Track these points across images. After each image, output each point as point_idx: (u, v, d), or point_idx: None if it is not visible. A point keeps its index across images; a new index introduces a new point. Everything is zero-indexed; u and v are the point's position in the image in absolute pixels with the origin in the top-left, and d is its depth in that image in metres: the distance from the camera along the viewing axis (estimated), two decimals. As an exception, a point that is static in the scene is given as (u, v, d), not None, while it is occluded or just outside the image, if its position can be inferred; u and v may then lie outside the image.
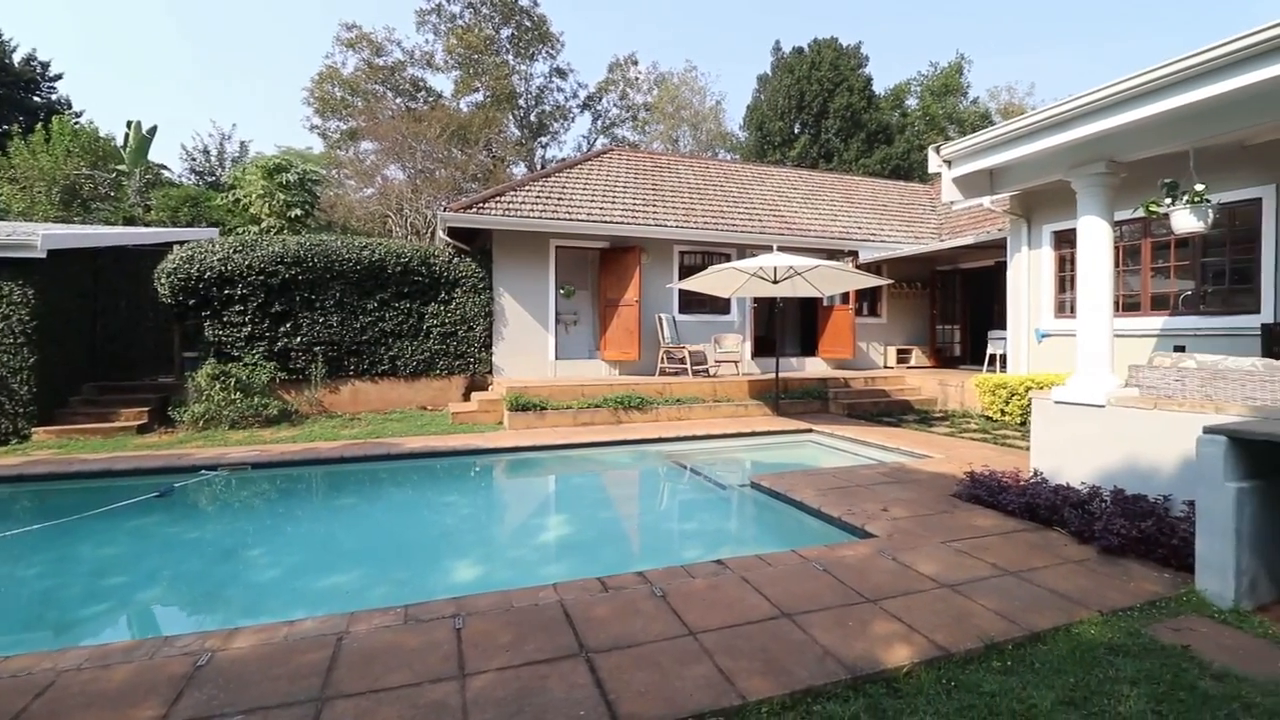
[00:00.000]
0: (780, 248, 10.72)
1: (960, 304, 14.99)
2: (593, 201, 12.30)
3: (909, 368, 14.03)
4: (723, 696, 2.40)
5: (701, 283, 10.11)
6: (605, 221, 11.58)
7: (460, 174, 22.84)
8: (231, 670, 2.60)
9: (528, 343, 11.53)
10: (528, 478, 7.73)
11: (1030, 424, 5.38)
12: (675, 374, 11.56)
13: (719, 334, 12.54)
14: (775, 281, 10.03)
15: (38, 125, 20.97)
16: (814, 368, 13.57)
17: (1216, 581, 3.25)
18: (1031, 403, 5.36)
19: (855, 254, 13.43)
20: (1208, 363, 4.23)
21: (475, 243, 11.61)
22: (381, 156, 22.22)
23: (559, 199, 12.05)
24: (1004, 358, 10.17)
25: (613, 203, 12.48)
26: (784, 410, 10.39)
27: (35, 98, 26.76)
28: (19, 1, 33.32)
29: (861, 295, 14.14)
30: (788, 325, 15.40)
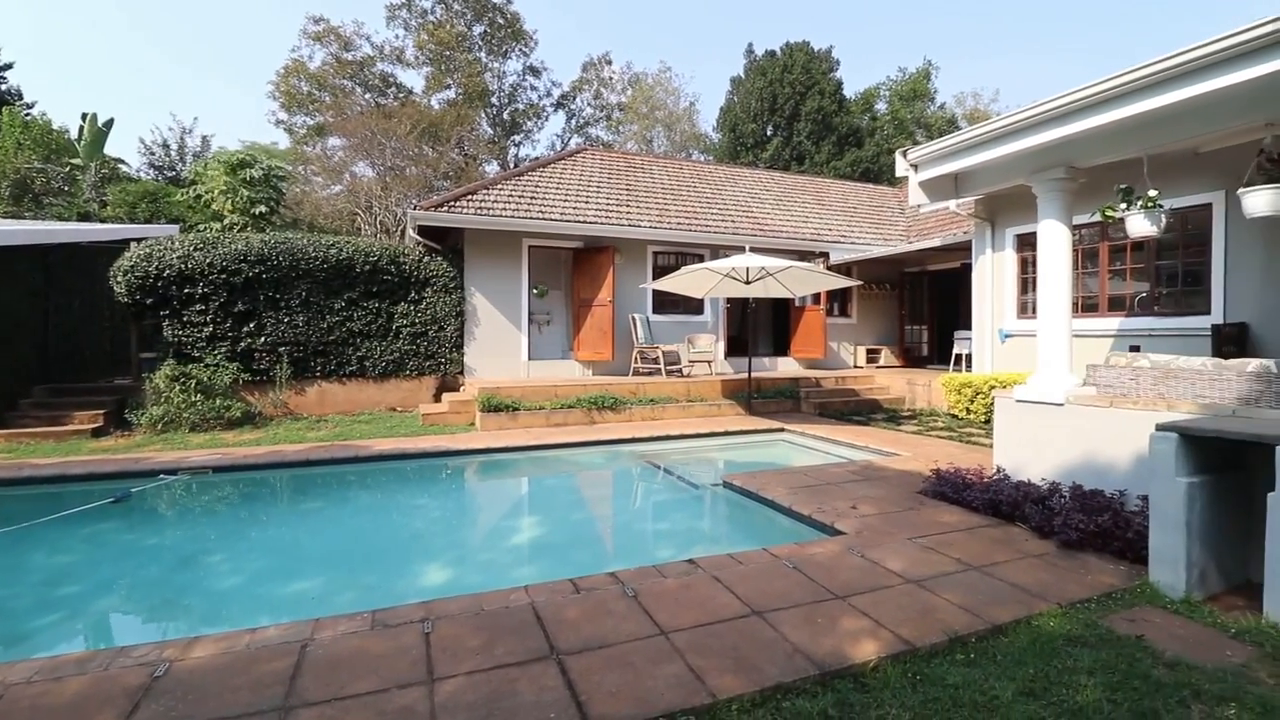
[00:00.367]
0: (753, 249, 10.83)
1: (928, 305, 15.31)
2: (566, 201, 12.25)
3: (878, 367, 14.28)
4: (693, 695, 2.42)
5: (675, 283, 10.14)
6: (579, 221, 11.55)
7: (431, 172, 22.53)
8: (190, 680, 2.53)
9: (500, 343, 11.43)
10: (500, 479, 7.66)
11: (994, 422, 5.52)
12: (649, 374, 11.58)
13: (692, 334, 12.59)
14: (748, 282, 10.11)
15: (-13, 117, 20.15)
16: (786, 367, 13.71)
17: (1169, 573, 3.37)
18: (994, 401, 5.50)
19: (826, 255, 13.61)
20: (1161, 362, 4.39)
21: (447, 242, 11.47)
22: (350, 153, 21.77)
23: (532, 198, 11.98)
24: (969, 357, 10.40)
25: (586, 202, 12.45)
26: (756, 410, 10.49)
27: (-17, 88, 25.65)
28: (-36, -13, 31.89)
29: (832, 296, 14.34)
30: (760, 325, 15.54)
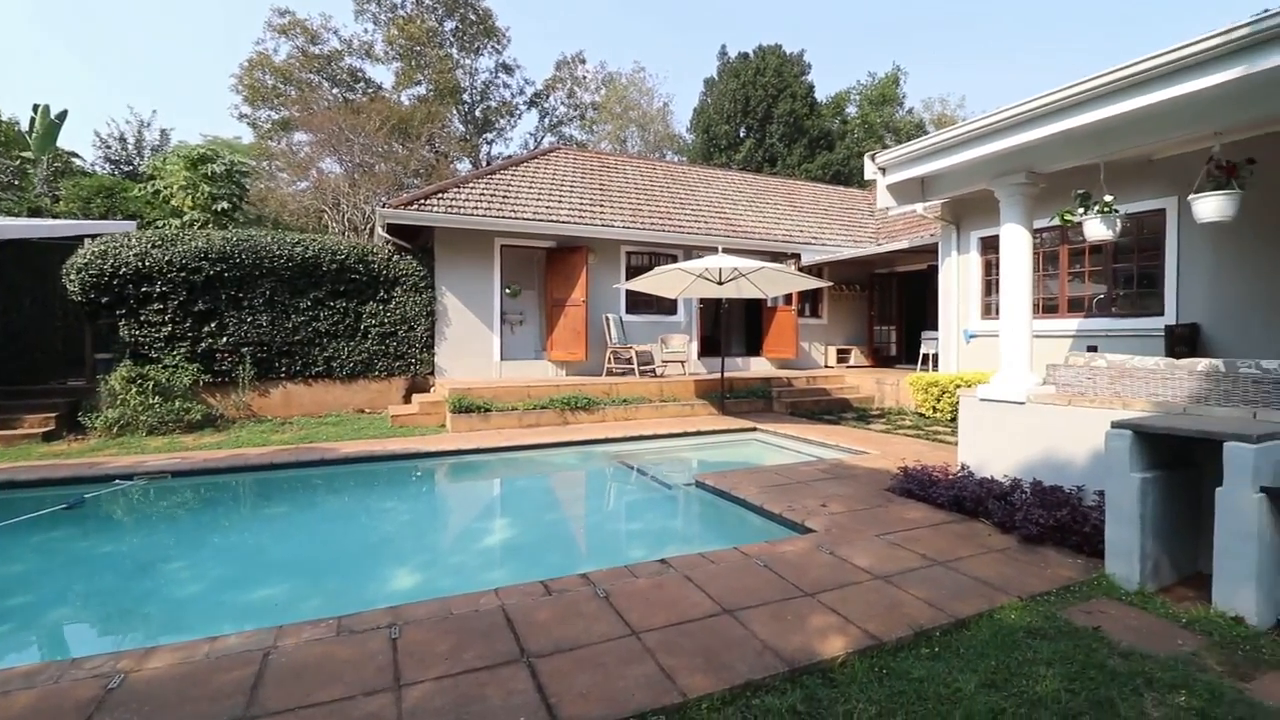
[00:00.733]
0: (726, 249, 10.91)
1: (896, 305, 15.60)
2: (539, 200, 12.17)
3: (848, 367, 14.50)
4: (664, 695, 2.42)
5: (648, 283, 10.16)
6: (552, 221, 11.48)
7: (401, 169, 22.15)
8: (146, 692, 2.44)
9: (472, 343, 11.31)
10: (471, 481, 7.58)
11: (959, 420, 5.64)
12: (622, 374, 11.57)
13: (666, 334, 12.63)
14: (720, 283, 10.18)
15: (-73, 106, 19.23)
16: (759, 367, 13.83)
17: (1124, 566, 3.48)
18: (959, 400, 5.62)
19: (798, 256, 13.77)
20: (1116, 362, 4.53)
21: (417, 240, 11.30)
22: (317, 148, 21.24)
23: (504, 197, 11.87)
24: (936, 357, 10.62)
25: (559, 202, 12.38)
26: (729, 409, 10.56)
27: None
28: (-96, -31, 30.38)
29: (804, 297, 14.53)
30: (733, 326, 15.65)
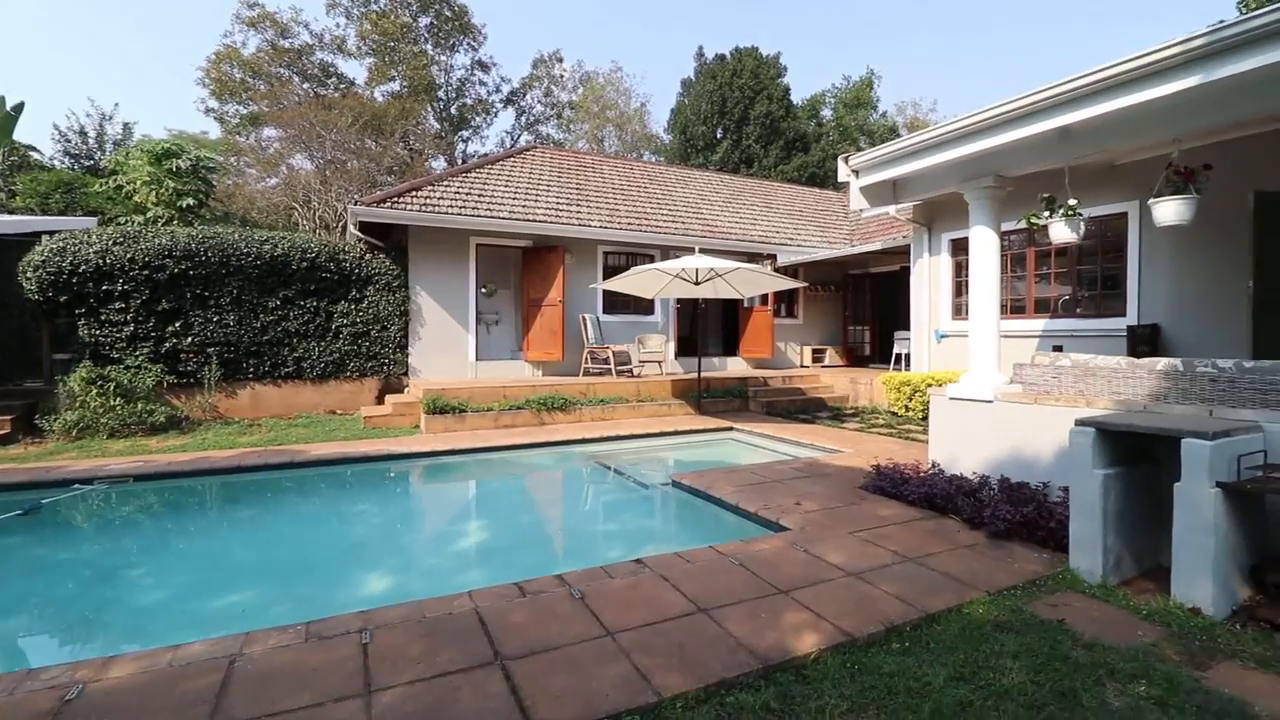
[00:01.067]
0: (702, 250, 10.94)
1: (870, 306, 15.82)
2: (515, 199, 12.09)
3: (823, 366, 14.67)
4: (639, 694, 2.42)
5: (625, 283, 10.15)
6: (528, 220, 11.41)
7: (375, 166, 21.84)
8: (106, 703, 2.37)
9: (447, 343, 11.18)
10: (446, 483, 7.49)
11: (929, 419, 5.74)
12: (599, 374, 11.55)
13: (643, 334, 12.63)
14: (697, 283, 10.21)
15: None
16: (735, 367, 13.92)
17: (1087, 560, 3.58)
18: (930, 399, 5.72)
19: (774, 257, 13.88)
20: (1080, 361, 4.65)
21: (390, 239, 11.14)
22: (287, 144, 20.84)
23: (480, 195, 11.77)
24: (908, 357, 10.80)
25: (536, 201, 12.31)
26: (706, 409, 10.60)
27: None
28: None
29: (780, 297, 14.66)
30: (710, 326, 15.74)
